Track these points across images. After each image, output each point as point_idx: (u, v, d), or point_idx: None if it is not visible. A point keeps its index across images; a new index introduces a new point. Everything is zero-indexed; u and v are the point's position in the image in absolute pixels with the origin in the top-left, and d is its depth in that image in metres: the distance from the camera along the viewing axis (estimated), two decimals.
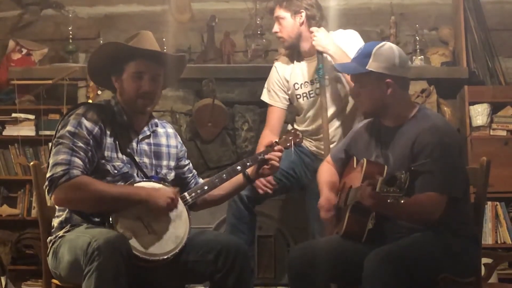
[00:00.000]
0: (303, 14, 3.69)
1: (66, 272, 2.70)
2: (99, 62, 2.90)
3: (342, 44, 3.63)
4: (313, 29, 3.66)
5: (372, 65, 2.87)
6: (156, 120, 3.03)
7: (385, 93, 2.88)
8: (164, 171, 2.96)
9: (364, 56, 2.90)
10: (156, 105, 3.05)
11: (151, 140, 2.96)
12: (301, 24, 3.70)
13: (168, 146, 3.02)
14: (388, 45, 2.93)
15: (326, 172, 3.21)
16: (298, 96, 3.83)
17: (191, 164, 3.16)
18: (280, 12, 3.71)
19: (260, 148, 3.38)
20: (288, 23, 3.71)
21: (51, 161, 2.74)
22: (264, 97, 3.93)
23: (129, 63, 2.86)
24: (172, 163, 3.02)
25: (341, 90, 3.75)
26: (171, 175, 3.00)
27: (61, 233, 2.77)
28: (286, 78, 3.84)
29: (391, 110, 2.91)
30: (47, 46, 5.09)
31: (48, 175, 2.72)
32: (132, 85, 2.85)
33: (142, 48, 2.85)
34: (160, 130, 3.02)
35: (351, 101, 3.78)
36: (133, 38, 2.91)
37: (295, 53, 3.85)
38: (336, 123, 3.77)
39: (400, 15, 5.10)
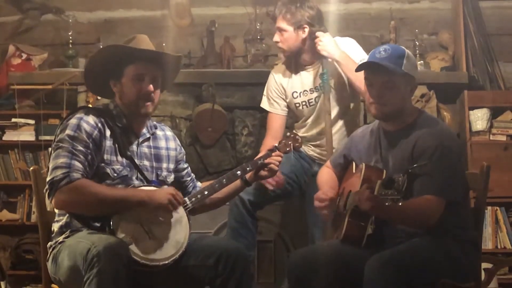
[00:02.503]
0: (306, 30, 3.64)
1: (66, 277, 2.70)
2: (98, 67, 2.90)
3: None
4: (318, 33, 3.62)
5: (407, 67, 2.84)
6: (155, 123, 3.04)
7: (408, 97, 2.90)
8: (164, 173, 2.97)
9: (397, 57, 2.85)
10: (156, 110, 3.05)
11: (151, 143, 2.97)
12: (304, 40, 3.67)
13: (167, 148, 3.02)
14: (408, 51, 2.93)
15: (326, 174, 3.22)
16: (297, 105, 3.82)
17: (189, 168, 3.16)
18: (282, 24, 3.66)
19: None
20: (290, 36, 3.67)
21: (51, 165, 2.73)
22: (264, 104, 3.93)
23: (129, 66, 2.85)
24: (172, 166, 3.02)
25: (344, 95, 3.75)
26: (171, 178, 3.01)
27: (61, 238, 2.76)
28: (283, 86, 3.83)
29: (401, 114, 2.92)
30: (47, 51, 5.10)
31: (48, 178, 2.72)
32: (133, 88, 2.85)
33: (145, 49, 2.85)
34: (159, 132, 3.03)
35: (351, 106, 3.79)
36: (130, 41, 2.91)
37: (293, 62, 3.83)
38: (336, 127, 3.77)
39: (400, 20, 5.11)
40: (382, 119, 2.95)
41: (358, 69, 2.96)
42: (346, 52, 3.60)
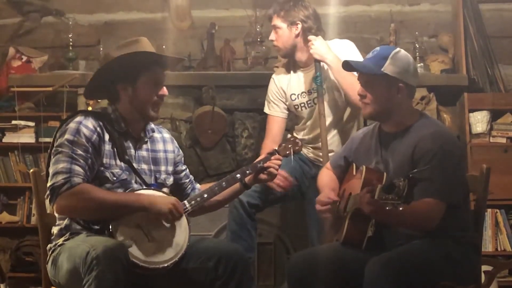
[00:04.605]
0: (299, 26, 3.70)
1: (65, 280, 2.69)
2: (112, 71, 2.84)
3: (337, 54, 3.64)
4: (311, 37, 3.66)
5: (387, 68, 2.86)
6: (153, 126, 3.03)
7: (394, 98, 2.88)
8: (163, 176, 2.96)
9: (380, 58, 2.88)
10: None
11: (149, 146, 2.96)
12: (297, 36, 3.72)
13: (165, 151, 3.02)
14: (404, 52, 2.93)
15: (326, 177, 3.22)
16: (296, 107, 3.84)
17: (188, 170, 3.16)
18: (277, 21, 3.73)
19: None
20: (283, 33, 3.72)
21: (51, 170, 2.73)
22: (265, 109, 3.96)
23: (147, 71, 2.84)
24: (170, 168, 3.02)
25: (338, 98, 3.76)
26: (170, 180, 3.00)
27: (60, 241, 2.76)
28: (283, 88, 3.85)
29: (394, 116, 2.91)
30: (47, 53, 5.10)
31: (49, 184, 2.71)
32: (151, 93, 2.86)
33: (169, 56, 2.93)
34: (156, 135, 3.02)
35: (348, 109, 3.79)
36: (132, 44, 2.88)
37: (291, 64, 3.86)
38: (333, 131, 3.77)
39: (400, 23, 5.12)
40: (370, 118, 3.03)
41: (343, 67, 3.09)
42: (339, 55, 3.61)
